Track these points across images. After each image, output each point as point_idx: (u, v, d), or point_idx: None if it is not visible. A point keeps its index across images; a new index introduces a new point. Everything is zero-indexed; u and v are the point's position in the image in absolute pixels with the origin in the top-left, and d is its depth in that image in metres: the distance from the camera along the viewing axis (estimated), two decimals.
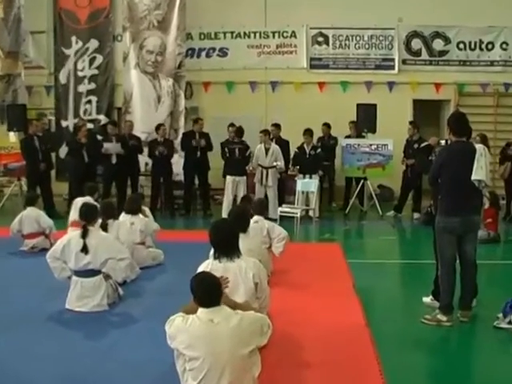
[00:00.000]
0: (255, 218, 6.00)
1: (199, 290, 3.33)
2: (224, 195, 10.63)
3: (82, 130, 10.90)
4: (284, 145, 10.87)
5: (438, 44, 13.03)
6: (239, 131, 10.58)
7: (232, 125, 10.85)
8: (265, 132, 10.67)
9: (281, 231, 6.38)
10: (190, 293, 3.44)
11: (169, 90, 12.87)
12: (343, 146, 11.53)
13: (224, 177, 10.85)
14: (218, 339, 3.23)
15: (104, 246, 5.38)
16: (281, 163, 10.51)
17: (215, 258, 4.03)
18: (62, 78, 13.36)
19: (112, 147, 10.86)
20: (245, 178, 10.58)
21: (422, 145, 10.20)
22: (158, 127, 11.25)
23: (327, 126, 11.96)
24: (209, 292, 3.33)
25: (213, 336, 3.23)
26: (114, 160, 10.86)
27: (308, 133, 10.78)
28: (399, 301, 5.94)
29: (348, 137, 11.82)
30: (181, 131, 12.54)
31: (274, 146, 10.58)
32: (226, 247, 3.99)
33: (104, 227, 6.17)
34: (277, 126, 11.19)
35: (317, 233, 9.57)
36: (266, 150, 10.56)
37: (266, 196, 10.54)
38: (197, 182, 11.25)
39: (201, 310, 3.35)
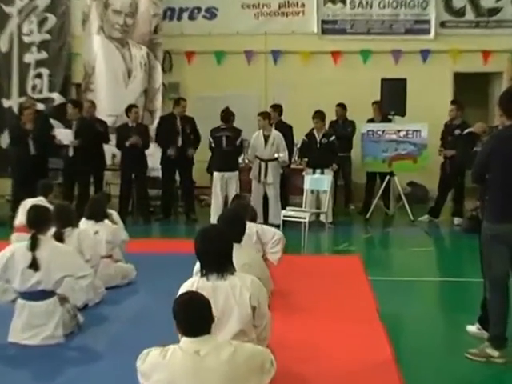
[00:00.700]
0: None
1: (184, 315, 3.35)
2: (212, 196, 10.79)
3: (25, 113, 10.86)
4: (286, 131, 10.98)
5: (487, 0, 13.02)
6: (226, 115, 10.63)
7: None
8: (263, 115, 10.77)
9: (274, 232, 6.56)
10: (169, 320, 3.42)
11: (142, 61, 12.85)
12: (363, 133, 11.57)
13: (210, 173, 11.04)
14: (207, 376, 3.24)
15: (59, 260, 5.32)
16: (284, 155, 10.64)
17: (202, 274, 4.05)
18: (3, 45, 13.33)
19: (63, 136, 10.92)
20: (237, 173, 10.73)
21: (466, 131, 10.20)
22: (128, 109, 11.31)
23: (342, 106, 12.05)
24: (196, 318, 3.34)
25: (199, 372, 3.24)
26: (70, 152, 10.91)
27: (319, 116, 10.81)
28: (437, 330, 5.89)
29: (370, 121, 11.89)
30: (157, 114, 12.61)
31: (275, 133, 10.70)
32: (217, 261, 4.02)
33: (58, 237, 6.08)
34: (276, 107, 11.30)
35: (330, 242, 9.67)
36: (266, 139, 10.65)
37: (265, 196, 10.70)
38: (178, 178, 11.40)
39: (184, 340, 3.37)
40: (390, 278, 7.47)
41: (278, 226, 9.14)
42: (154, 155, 11.51)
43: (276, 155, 10.59)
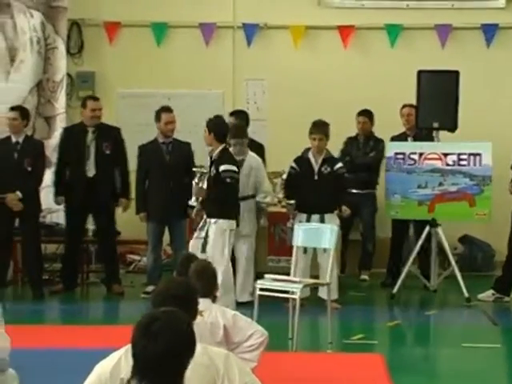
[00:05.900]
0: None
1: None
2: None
3: None
4: (258, 152, 10.22)
5: None
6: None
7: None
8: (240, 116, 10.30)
9: (252, 329, 5.76)
10: None
11: (34, 36, 11.51)
12: (388, 158, 10.42)
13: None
14: None
15: None
16: (269, 196, 9.85)
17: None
18: None
19: None
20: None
21: None
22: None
23: (367, 115, 10.75)
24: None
25: None
26: None
27: (319, 129, 9.55)
28: None
29: (399, 138, 10.70)
30: (59, 123, 11.43)
31: (253, 158, 9.81)
32: (164, 373, 3.22)
33: None
34: (239, 115, 10.35)
35: (336, 332, 8.63)
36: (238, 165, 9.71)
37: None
38: (92, 227, 10.50)
39: None
40: None
41: (246, 305, 8.88)
42: (50, 190, 10.46)
43: (260, 198, 9.67)
